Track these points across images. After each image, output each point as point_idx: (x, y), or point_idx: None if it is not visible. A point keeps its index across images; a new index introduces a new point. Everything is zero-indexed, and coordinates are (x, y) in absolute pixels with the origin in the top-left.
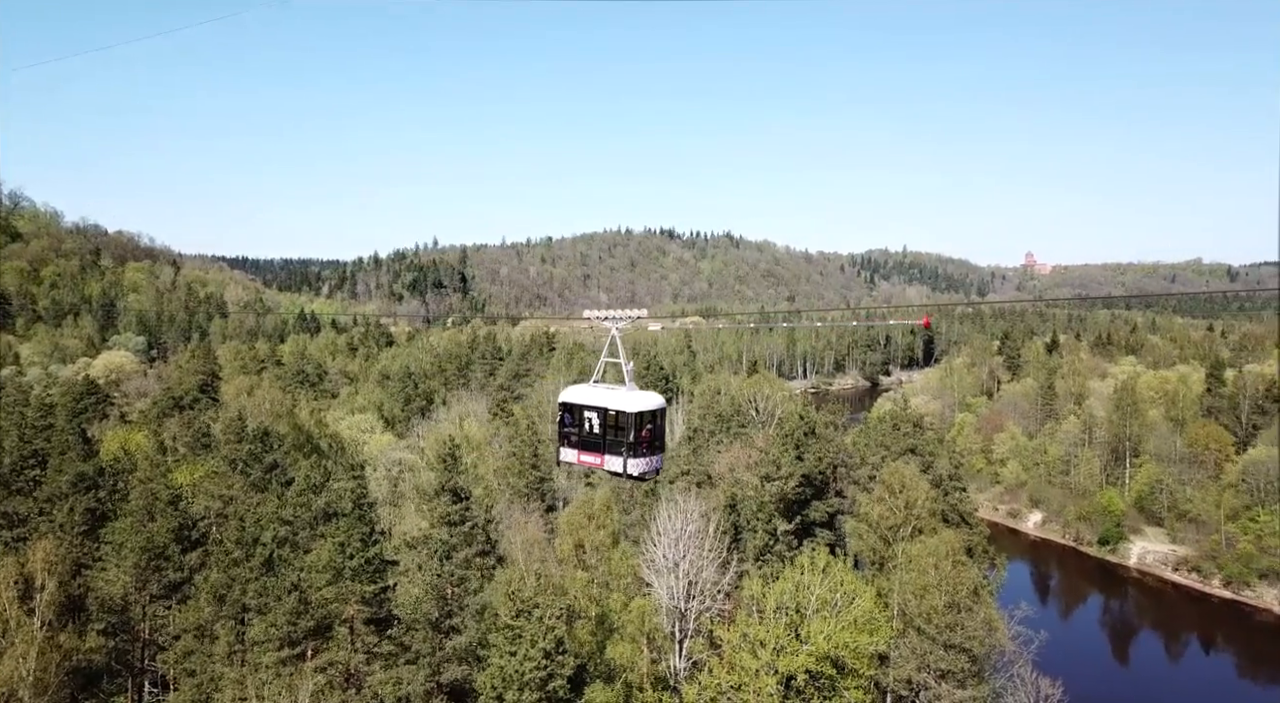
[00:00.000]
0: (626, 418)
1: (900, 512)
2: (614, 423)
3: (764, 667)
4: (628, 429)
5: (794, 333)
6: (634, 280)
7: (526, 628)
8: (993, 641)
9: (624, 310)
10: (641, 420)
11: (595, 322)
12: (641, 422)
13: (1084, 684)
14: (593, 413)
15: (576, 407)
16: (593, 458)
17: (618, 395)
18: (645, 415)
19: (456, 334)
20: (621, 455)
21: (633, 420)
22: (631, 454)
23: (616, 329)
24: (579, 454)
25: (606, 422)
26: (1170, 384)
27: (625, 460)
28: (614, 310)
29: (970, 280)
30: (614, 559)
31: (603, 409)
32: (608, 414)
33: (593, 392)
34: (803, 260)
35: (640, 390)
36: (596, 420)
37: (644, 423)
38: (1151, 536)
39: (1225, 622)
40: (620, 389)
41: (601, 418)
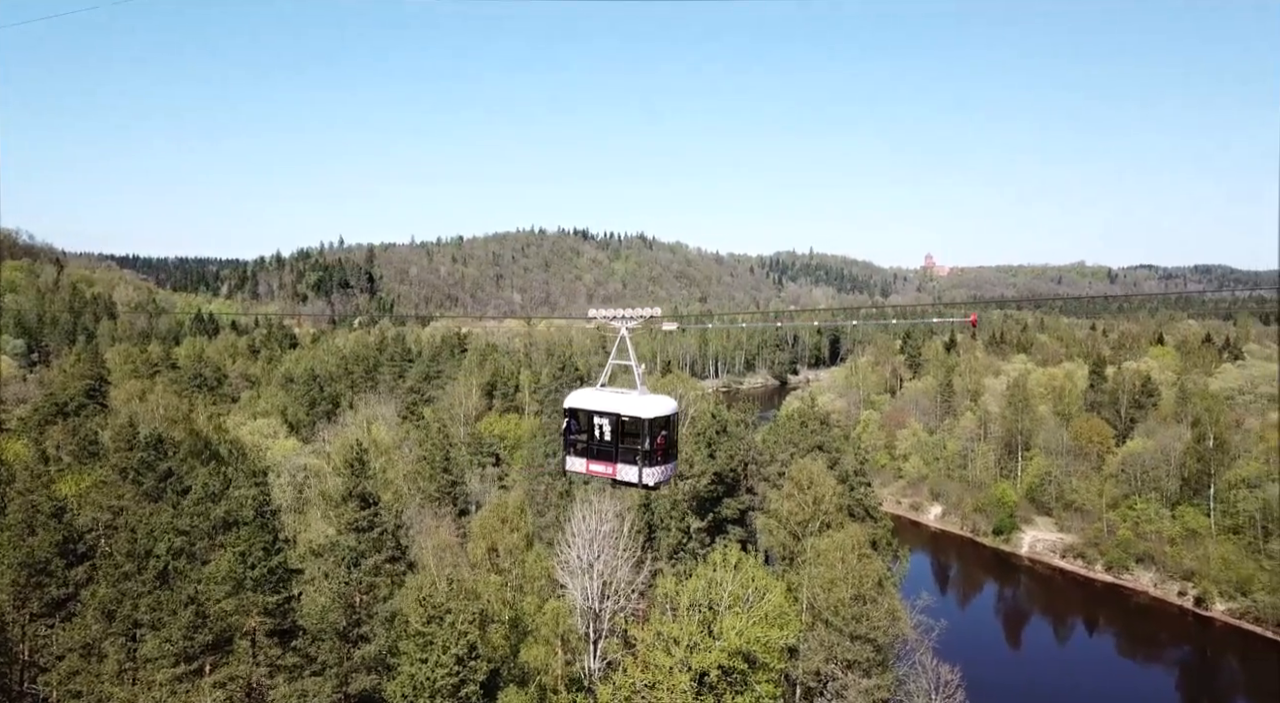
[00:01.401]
0: (641, 424)
1: (809, 507)
2: (627, 429)
3: (678, 664)
4: (642, 436)
5: (706, 333)
6: (548, 281)
7: (438, 634)
8: (896, 630)
9: (634, 309)
10: (656, 426)
11: (602, 321)
12: (656, 428)
13: (980, 669)
14: (603, 419)
15: (585, 412)
16: (603, 467)
17: (630, 400)
18: (660, 421)
19: (364, 335)
20: (636, 464)
21: (648, 426)
22: (647, 463)
23: (626, 329)
24: (588, 463)
25: (619, 428)
26: (1057, 381)
27: (641, 470)
28: (624, 309)
29: (874, 281)
30: (528, 562)
31: (614, 415)
32: (620, 420)
33: (602, 396)
34: (714, 262)
35: (653, 394)
36: (608, 427)
37: (659, 429)
38: (1041, 525)
39: (1107, 604)
40: (631, 393)
41: (613, 424)
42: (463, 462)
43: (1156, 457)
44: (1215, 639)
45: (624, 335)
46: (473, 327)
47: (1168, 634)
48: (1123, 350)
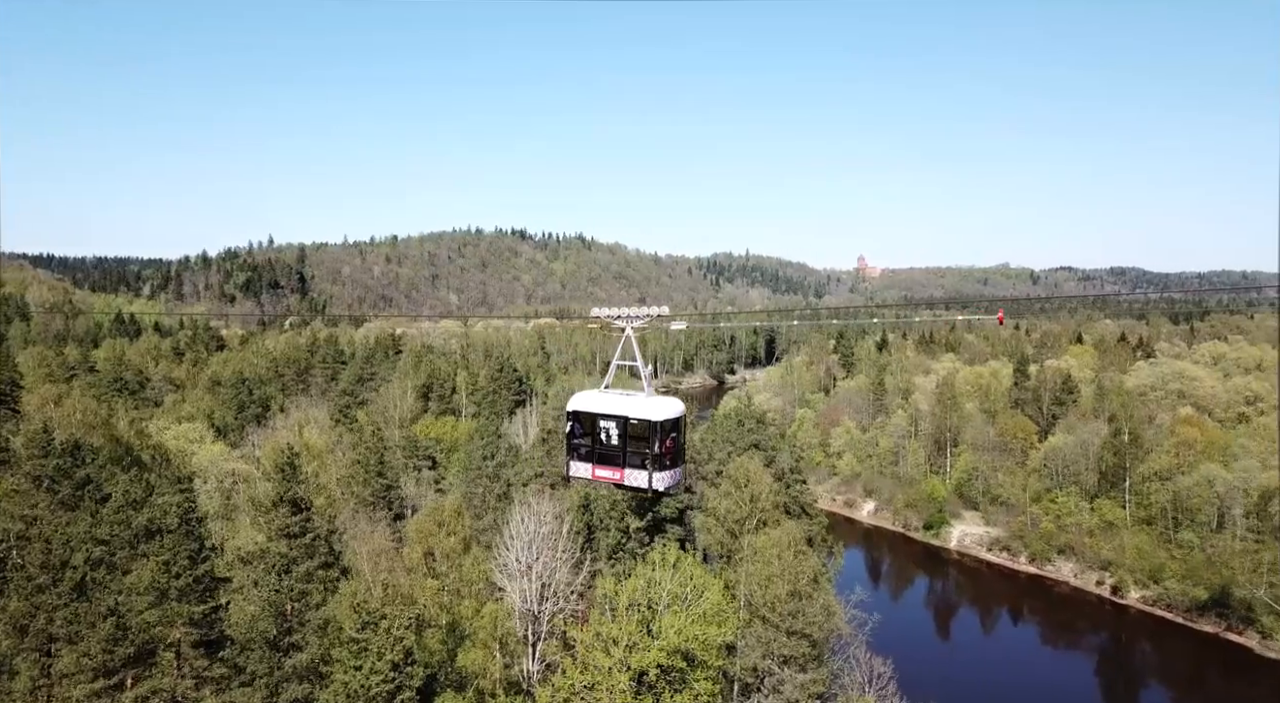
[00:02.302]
0: (650, 427)
1: (746, 505)
2: (635, 433)
3: (617, 664)
4: (651, 440)
5: (645, 333)
6: (485, 281)
7: (373, 640)
8: (831, 625)
9: (639, 308)
10: (666, 430)
11: (607, 321)
12: (666, 431)
13: (912, 661)
14: (610, 422)
15: (589, 416)
16: (610, 473)
17: (637, 402)
18: (669, 424)
19: (295, 337)
20: (645, 469)
21: (657, 430)
22: (657, 467)
23: (631, 329)
24: (593, 469)
25: (627, 432)
26: (984, 379)
27: (650, 475)
28: (628, 308)
29: (808, 282)
30: (465, 565)
31: (622, 418)
32: (628, 423)
33: (607, 399)
34: (652, 263)
35: (659, 396)
36: (614, 431)
37: (668, 432)
38: (969, 519)
39: (1031, 595)
40: (638, 395)
41: (621, 428)
42: (398, 465)
43: (1076, 452)
44: (1130, 626)
45: (629, 335)
46: (408, 328)
47: (1086, 622)
48: (1045, 349)
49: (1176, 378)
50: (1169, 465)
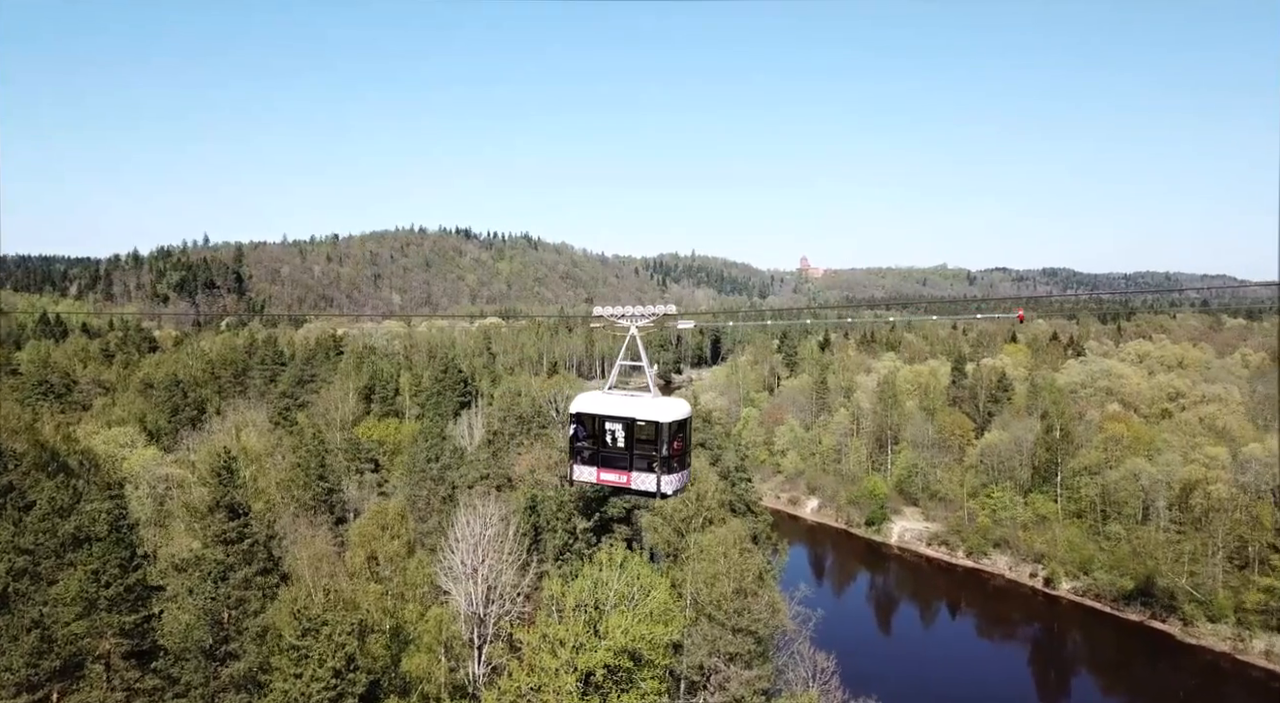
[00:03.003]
0: (659, 429)
1: (693, 504)
2: (642, 435)
3: (563, 666)
4: (660, 442)
5: (593, 334)
6: (429, 281)
7: (314, 647)
8: (776, 622)
9: (645, 307)
10: (674, 431)
11: (611, 320)
12: (673, 432)
13: (854, 655)
14: (616, 424)
15: (595, 418)
16: (616, 476)
17: (644, 403)
18: (677, 425)
19: (232, 338)
20: (654, 472)
21: (666, 431)
22: (665, 470)
23: (636, 328)
24: (599, 472)
25: (634, 434)
26: (923, 377)
27: (659, 478)
28: (633, 307)
29: (753, 283)
30: (410, 569)
31: (629, 420)
32: (635, 425)
33: (612, 400)
34: (599, 263)
35: (665, 397)
36: (621, 433)
37: (675, 434)
38: (909, 515)
39: (968, 588)
40: (644, 396)
41: (627, 430)
42: (340, 468)
43: (1011, 448)
44: (1061, 616)
45: (633, 335)
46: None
47: (1020, 614)
48: (981, 348)
49: (1105, 376)
50: (1098, 460)
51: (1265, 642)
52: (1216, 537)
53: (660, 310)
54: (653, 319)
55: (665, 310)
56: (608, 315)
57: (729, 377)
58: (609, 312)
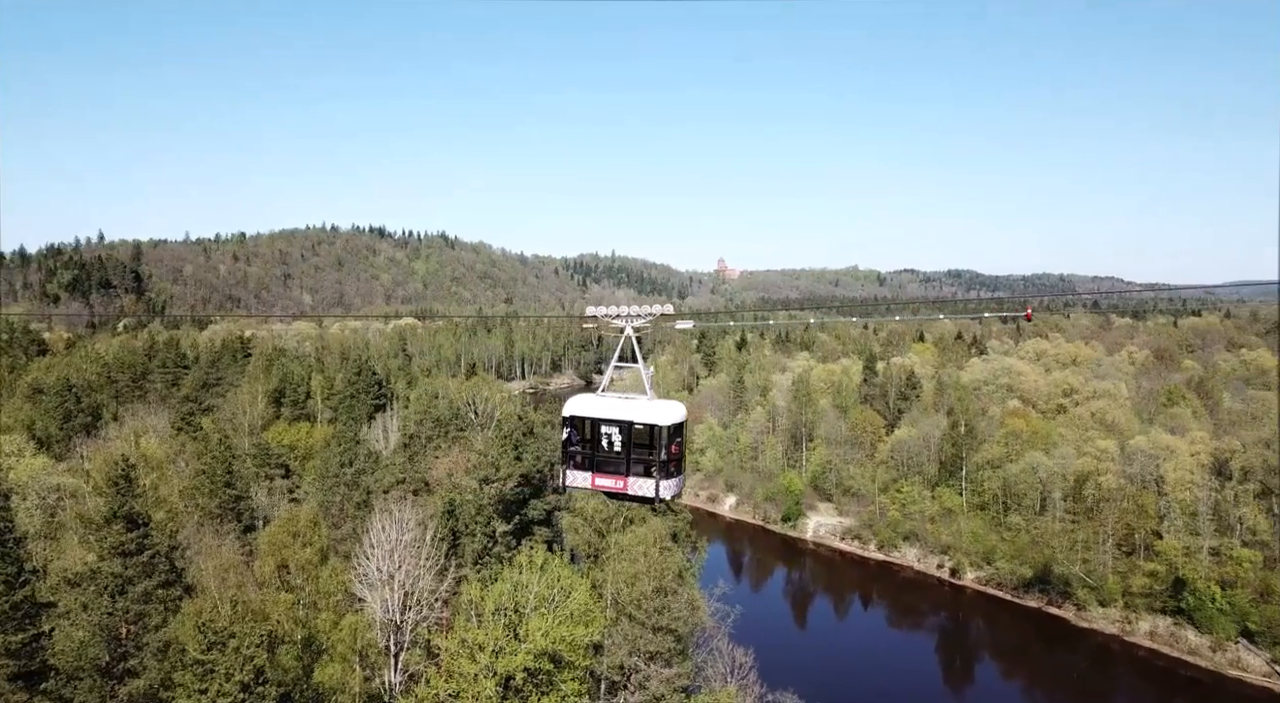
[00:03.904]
0: (658, 432)
1: (613, 505)
2: (640, 439)
3: (482, 671)
4: (658, 445)
5: (512, 334)
6: (342, 280)
7: (220, 661)
8: (695, 619)
9: (639, 307)
10: (672, 434)
11: (606, 321)
12: (672, 436)
13: (771, 649)
14: (613, 428)
15: (590, 421)
16: (612, 481)
17: (641, 406)
18: (676, 428)
19: (130, 340)
20: (652, 477)
21: (665, 435)
22: (664, 474)
23: (632, 329)
24: (594, 477)
25: (631, 438)
26: (836, 376)
27: (658, 483)
28: (628, 307)
29: (672, 284)
30: (323, 577)
31: (626, 423)
32: (633, 429)
33: (608, 403)
34: (518, 263)
35: (661, 400)
36: (618, 437)
37: (673, 437)
38: (824, 510)
39: (879, 580)
40: (640, 398)
41: (625, 434)
42: (248, 475)
43: (919, 443)
44: (966, 605)
45: (629, 335)
46: (258, 329)
47: (928, 604)
48: (891, 347)
49: (1005, 373)
50: (999, 454)
51: (1149, 623)
52: (1106, 525)
53: (657, 310)
54: (649, 320)
55: (663, 310)
56: (602, 316)
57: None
58: (603, 312)
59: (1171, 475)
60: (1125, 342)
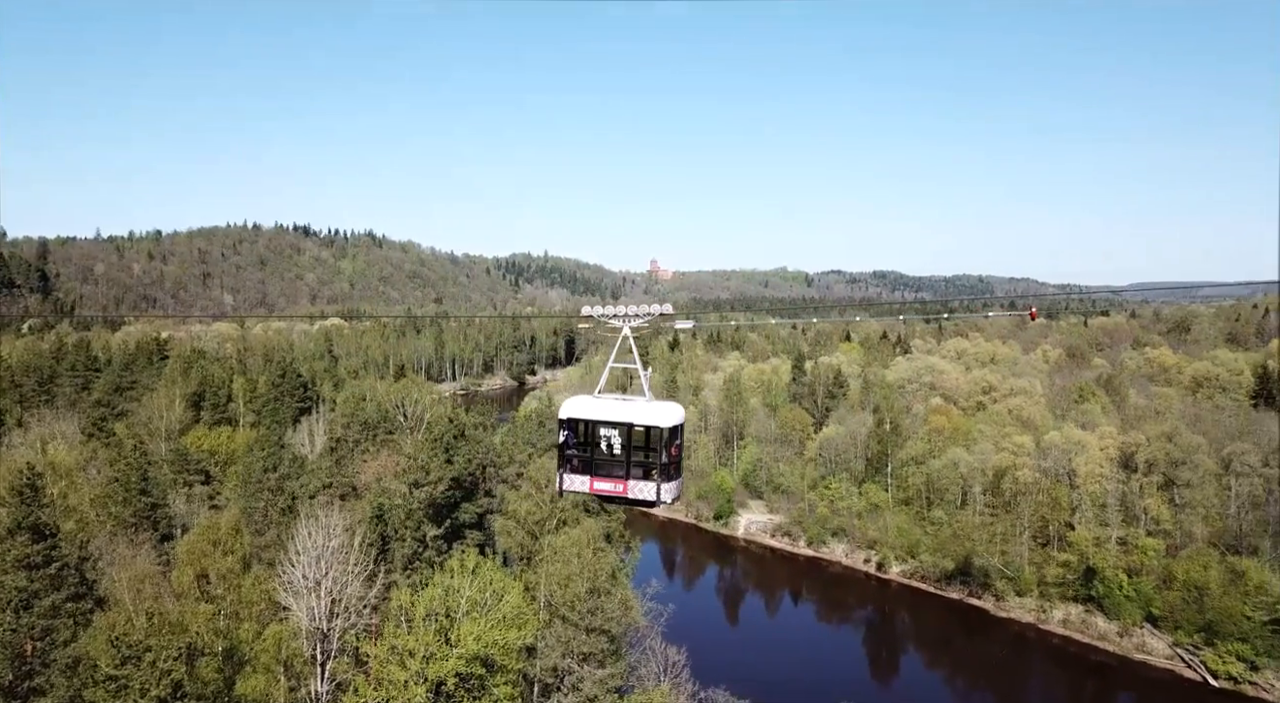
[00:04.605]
0: (659, 434)
1: (546, 506)
2: (640, 441)
3: (413, 677)
4: (659, 448)
5: (443, 335)
6: (265, 280)
7: (135, 676)
8: (629, 619)
9: (638, 307)
10: (674, 436)
11: (604, 321)
12: (673, 438)
13: (704, 647)
14: (612, 430)
15: (588, 423)
16: (611, 485)
17: (641, 407)
18: (677, 430)
19: (36, 342)
20: (653, 480)
21: (667, 437)
22: (665, 477)
23: (630, 329)
24: (592, 481)
25: (632, 440)
26: (766, 375)
27: (659, 486)
28: (626, 307)
29: (604, 284)
30: (245, 586)
31: (626, 425)
32: (633, 431)
33: (606, 405)
34: (448, 262)
35: (660, 401)
36: (617, 439)
37: (675, 439)
38: (755, 508)
39: (809, 576)
40: (638, 399)
41: (625, 436)
42: (165, 482)
43: (846, 441)
44: (891, 598)
45: (626, 335)
46: (175, 331)
47: (855, 598)
48: (819, 347)
49: (928, 372)
50: (923, 451)
51: (1063, 611)
52: (1023, 518)
53: (656, 310)
54: (648, 319)
55: (662, 310)
56: (599, 316)
57: (583, 377)
58: (600, 312)
59: (1082, 469)
60: (1040, 341)
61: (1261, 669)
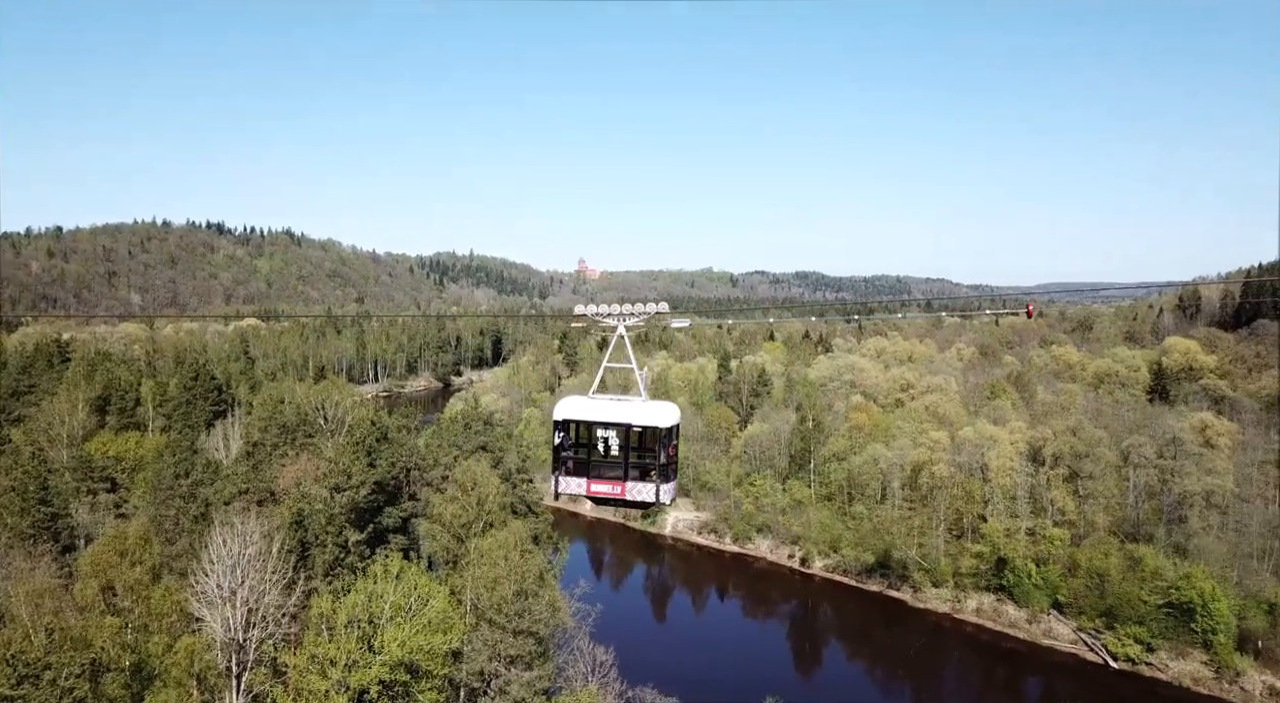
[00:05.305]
0: (657, 434)
1: (472, 509)
2: (638, 442)
3: (334, 686)
4: (658, 448)
5: (365, 335)
6: (176, 279)
7: (33, 696)
8: (556, 621)
9: (632, 305)
10: (671, 436)
11: (597, 319)
12: (671, 437)
13: (632, 646)
14: (610, 430)
15: (585, 424)
16: (608, 487)
17: (638, 407)
18: (675, 430)
19: None
20: (651, 481)
21: (666, 437)
22: (663, 478)
23: (625, 327)
24: (589, 484)
25: (630, 441)
26: (692, 374)
27: (658, 487)
28: (621, 305)
29: (532, 284)
30: (155, 597)
31: (624, 425)
32: (631, 431)
33: (602, 405)
34: (370, 261)
35: (656, 400)
36: (614, 440)
37: (672, 439)
38: (682, 505)
39: (735, 572)
40: (634, 399)
41: (623, 436)
42: (66, 490)
43: (770, 438)
44: (815, 592)
45: (621, 334)
46: (78, 332)
47: (780, 593)
48: (744, 346)
49: (849, 370)
50: (844, 447)
51: (976, 601)
52: (939, 511)
53: (652, 309)
54: (644, 318)
55: (658, 309)
56: (592, 314)
57: (510, 378)
58: (593, 310)
59: (994, 463)
60: (954, 339)
61: (1157, 650)
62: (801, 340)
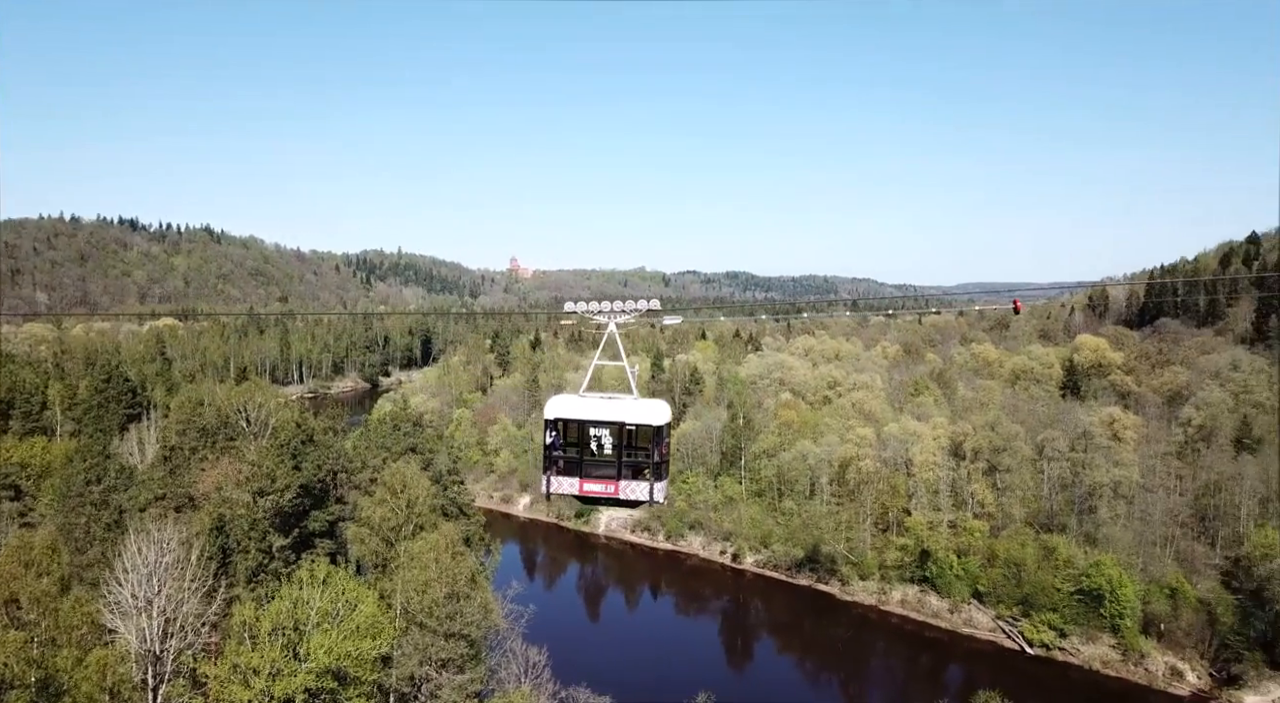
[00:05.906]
0: (650, 433)
1: (402, 511)
2: (632, 440)
3: (257, 696)
4: (651, 446)
5: (289, 335)
6: (85, 277)
7: None
8: (489, 623)
9: (623, 303)
10: (664, 434)
11: (587, 317)
12: (664, 435)
13: (565, 645)
14: (602, 429)
15: (577, 423)
16: (602, 486)
17: (630, 405)
18: (668, 428)
19: None
20: (645, 479)
21: (659, 435)
22: (657, 476)
23: (615, 325)
24: (581, 483)
25: (623, 440)
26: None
27: (652, 485)
28: (612, 303)
29: (463, 282)
30: (64, 609)
31: (618, 424)
32: (624, 430)
33: (594, 403)
34: (295, 259)
35: (646, 398)
36: (607, 438)
37: (665, 436)
38: None
39: (668, 569)
40: (625, 397)
41: (616, 435)
42: None
43: (703, 435)
44: (746, 587)
45: (612, 332)
46: None
47: (712, 589)
48: (676, 345)
49: (778, 368)
50: (774, 444)
51: (901, 593)
52: (865, 506)
53: (643, 306)
54: (635, 315)
55: (649, 306)
56: (583, 312)
57: (440, 378)
58: (584, 308)
59: (918, 458)
60: (880, 338)
61: (1069, 636)
62: (732, 339)
